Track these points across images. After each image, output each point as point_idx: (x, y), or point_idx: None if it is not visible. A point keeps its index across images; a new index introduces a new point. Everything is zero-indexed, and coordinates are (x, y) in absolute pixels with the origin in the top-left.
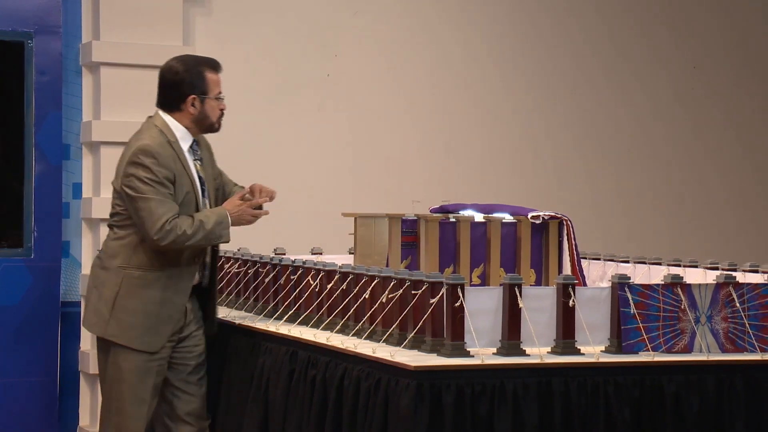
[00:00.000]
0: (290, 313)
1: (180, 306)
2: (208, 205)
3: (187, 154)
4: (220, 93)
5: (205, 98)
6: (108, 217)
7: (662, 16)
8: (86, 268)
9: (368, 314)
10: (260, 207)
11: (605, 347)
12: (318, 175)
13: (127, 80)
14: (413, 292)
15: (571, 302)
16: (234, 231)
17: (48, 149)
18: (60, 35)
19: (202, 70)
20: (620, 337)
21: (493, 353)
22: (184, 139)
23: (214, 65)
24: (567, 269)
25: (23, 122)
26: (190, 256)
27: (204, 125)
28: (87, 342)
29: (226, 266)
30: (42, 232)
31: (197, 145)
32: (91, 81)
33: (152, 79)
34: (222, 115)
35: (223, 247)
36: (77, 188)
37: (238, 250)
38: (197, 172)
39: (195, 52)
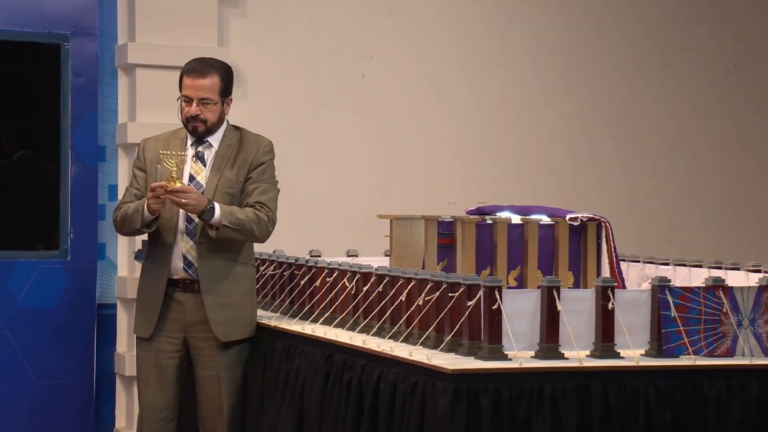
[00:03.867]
0: (326, 315)
1: (157, 293)
2: None
3: (188, 150)
4: (185, 95)
5: (180, 98)
6: None
7: (703, 14)
8: (122, 270)
9: (405, 317)
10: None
11: (645, 351)
12: (353, 176)
13: (163, 81)
14: (450, 294)
15: (610, 305)
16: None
17: (84, 151)
18: (96, 37)
19: (182, 72)
20: (660, 340)
21: (531, 356)
22: (190, 137)
23: (189, 68)
24: (606, 272)
25: (59, 124)
26: (162, 245)
27: (183, 125)
28: (123, 344)
29: (262, 268)
30: (78, 234)
31: (204, 146)
32: (126, 82)
33: None
34: (190, 119)
35: (258, 249)
36: (113, 190)
37: (274, 252)
38: (190, 168)
39: (229, 53)
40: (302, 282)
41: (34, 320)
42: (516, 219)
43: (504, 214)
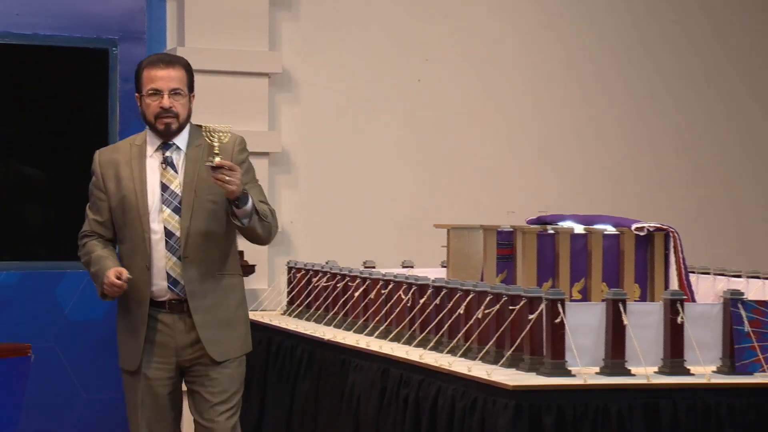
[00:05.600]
0: (381, 328)
1: (140, 319)
2: (162, 213)
3: (149, 158)
4: (152, 88)
5: (142, 96)
6: None
7: None
8: None
9: (463, 330)
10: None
11: (717, 367)
12: (409, 184)
13: (212, 87)
14: (510, 307)
15: (679, 319)
16: (321, 244)
17: None
18: (144, 42)
19: (141, 67)
20: (733, 356)
21: (596, 373)
22: (152, 142)
23: (153, 60)
24: (674, 284)
25: (107, 130)
26: (139, 266)
27: (150, 126)
28: None
29: (314, 280)
30: None
31: (171, 149)
32: None
33: (237, 85)
34: (161, 112)
35: (310, 259)
36: None
37: (327, 263)
38: (160, 176)
39: (281, 57)
40: (356, 294)
41: (82, 333)
42: (579, 229)
43: (566, 224)
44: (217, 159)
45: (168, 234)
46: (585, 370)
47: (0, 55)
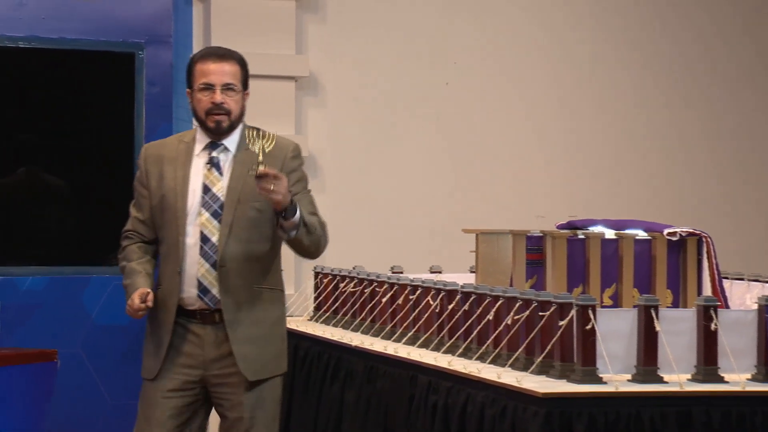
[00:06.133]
0: (409, 335)
1: (166, 325)
2: (200, 216)
3: (195, 157)
4: (204, 82)
5: (193, 91)
6: None
7: None
8: None
9: (492, 337)
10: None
11: (752, 375)
12: (436, 189)
13: None
14: (540, 313)
15: (713, 326)
16: (348, 249)
17: None
18: (171, 45)
19: (194, 61)
20: None
21: (628, 380)
22: (201, 140)
23: (205, 53)
24: (707, 290)
25: (133, 134)
26: (170, 270)
27: (200, 124)
28: None
29: (341, 285)
30: None
31: (219, 150)
32: None
33: (264, 89)
34: (213, 108)
35: (337, 264)
36: None
37: (354, 268)
38: (203, 178)
39: (308, 60)
40: (384, 300)
41: (108, 338)
42: (610, 234)
43: (597, 229)
44: (261, 167)
45: (203, 239)
46: (616, 378)
47: (26, 60)
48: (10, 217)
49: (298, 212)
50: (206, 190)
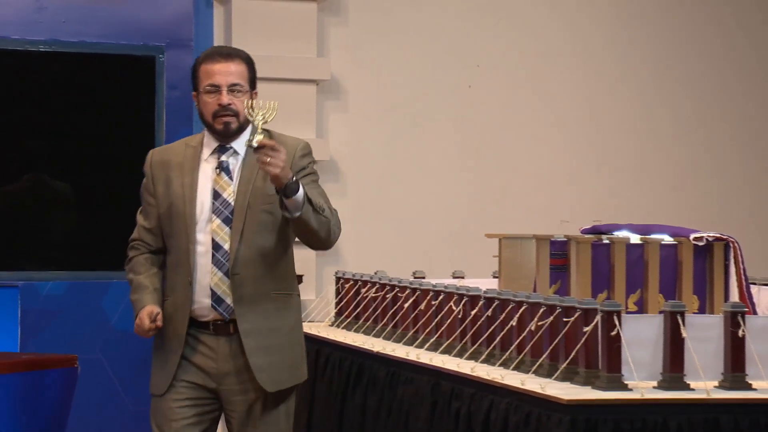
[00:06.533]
0: (431, 340)
1: (177, 338)
2: (211, 223)
3: (203, 162)
4: (209, 84)
5: (199, 94)
6: None
7: None
8: None
9: (516, 343)
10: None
11: None
12: (459, 193)
13: (259, 94)
14: (565, 319)
15: (740, 332)
16: (370, 254)
17: None
18: (191, 49)
19: (198, 62)
20: None
21: (654, 387)
22: (209, 144)
23: (210, 53)
24: (734, 296)
25: (154, 138)
26: (180, 280)
27: (208, 127)
28: None
29: (363, 291)
30: None
31: (228, 153)
32: None
33: (285, 92)
34: (220, 110)
35: (358, 269)
36: None
37: (375, 273)
38: (213, 183)
39: (329, 64)
40: (406, 305)
41: (128, 343)
42: (635, 239)
43: (622, 234)
44: (259, 137)
45: (215, 246)
46: (642, 384)
47: (47, 63)
48: (30, 222)
49: (300, 190)
50: (216, 195)
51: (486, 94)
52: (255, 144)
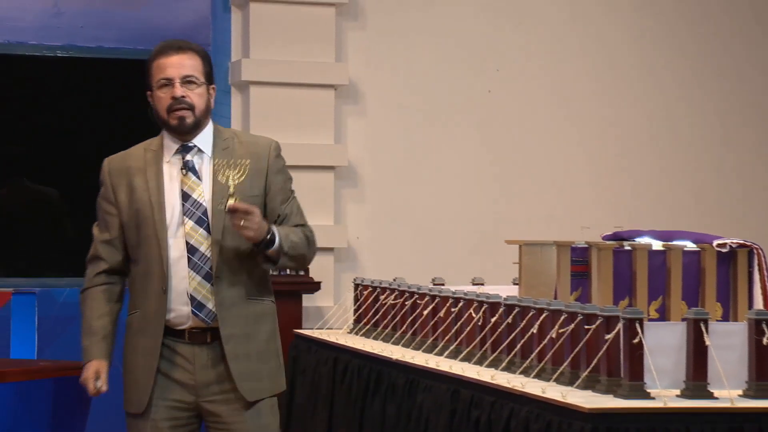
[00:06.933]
0: (451, 348)
1: (152, 350)
2: (184, 226)
3: (166, 164)
4: (162, 78)
5: (153, 92)
6: None
7: None
8: None
9: (536, 350)
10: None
11: None
12: (479, 198)
13: (277, 99)
14: (586, 326)
15: (765, 340)
16: (388, 261)
17: None
18: (209, 54)
19: (150, 59)
20: None
21: (677, 395)
22: (169, 145)
23: (162, 48)
24: (758, 303)
25: None
26: (152, 289)
27: (164, 125)
28: None
29: (381, 298)
30: None
31: (192, 153)
32: (240, 100)
33: (303, 97)
34: (174, 104)
35: (377, 276)
36: None
37: (394, 280)
38: (180, 184)
39: (347, 69)
40: (425, 312)
41: None
42: (657, 245)
43: (644, 240)
44: (231, 201)
45: (191, 250)
46: (665, 393)
47: (65, 68)
48: (47, 227)
49: (276, 240)
50: (186, 197)
51: (506, 98)
52: (226, 209)
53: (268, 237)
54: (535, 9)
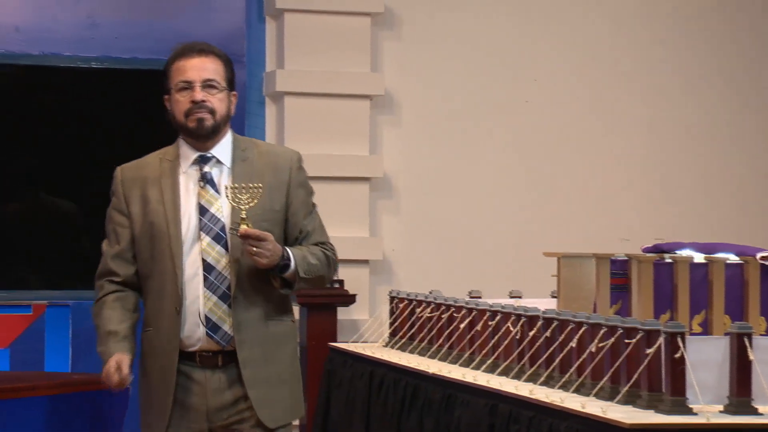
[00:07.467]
0: (488, 362)
1: (168, 372)
2: (200, 242)
3: (182, 175)
4: (182, 80)
5: (171, 95)
6: None
7: None
8: None
9: (576, 365)
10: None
11: None
12: (516, 210)
13: (312, 110)
14: (626, 340)
15: None
16: (425, 273)
17: None
18: (244, 64)
19: (170, 61)
20: None
21: (720, 411)
22: (186, 155)
23: (183, 50)
24: None
25: None
26: (167, 308)
27: (181, 129)
28: None
29: (418, 311)
30: None
31: (211, 164)
32: (274, 111)
33: (338, 108)
34: (193, 108)
35: (413, 288)
36: None
37: (431, 293)
38: (197, 197)
39: (383, 79)
40: (462, 326)
41: None
42: (699, 258)
43: (685, 252)
44: (243, 227)
45: (207, 268)
46: (707, 408)
47: (100, 80)
48: (82, 240)
49: (292, 265)
50: (203, 211)
51: (543, 109)
52: (238, 234)
53: (283, 262)
54: (572, 18)
